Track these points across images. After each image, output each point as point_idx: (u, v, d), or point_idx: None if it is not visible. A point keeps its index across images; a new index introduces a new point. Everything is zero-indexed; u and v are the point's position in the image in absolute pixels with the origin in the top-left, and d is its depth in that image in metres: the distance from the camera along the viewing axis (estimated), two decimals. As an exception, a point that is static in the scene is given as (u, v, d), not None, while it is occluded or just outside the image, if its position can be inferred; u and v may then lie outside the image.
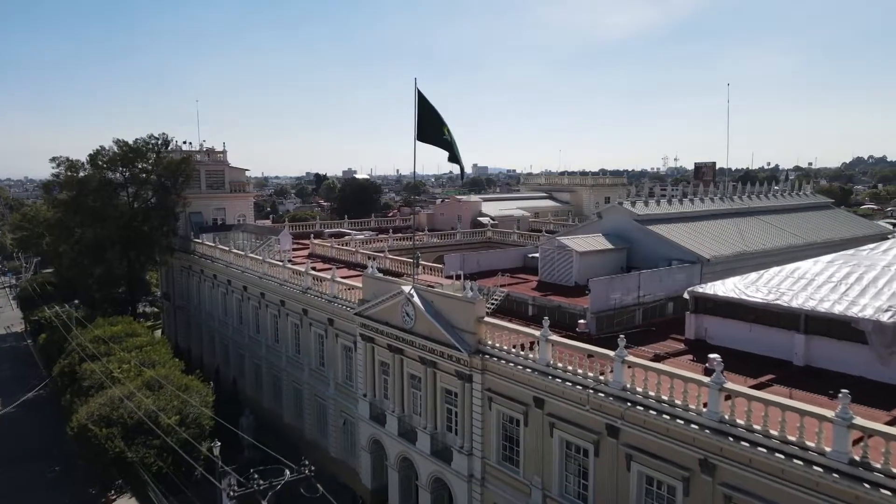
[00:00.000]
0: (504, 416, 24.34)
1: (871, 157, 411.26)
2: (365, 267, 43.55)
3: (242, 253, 46.02)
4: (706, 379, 17.40)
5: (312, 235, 57.62)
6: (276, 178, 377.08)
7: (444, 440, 27.25)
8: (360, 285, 32.40)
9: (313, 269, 42.14)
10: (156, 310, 73.80)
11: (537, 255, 37.78)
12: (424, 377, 27.82)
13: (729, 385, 17.09)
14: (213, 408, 31.85)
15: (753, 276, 26.25)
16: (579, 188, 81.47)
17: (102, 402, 29.92)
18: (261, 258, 43.47)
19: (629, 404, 19.12)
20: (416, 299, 27.36)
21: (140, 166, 54.88)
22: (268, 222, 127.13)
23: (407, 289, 28.04)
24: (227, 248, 48.78)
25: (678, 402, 18.08)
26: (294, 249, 55.18)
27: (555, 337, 22.41)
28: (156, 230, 54.84)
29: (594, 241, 34.27)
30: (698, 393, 17.72)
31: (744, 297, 24.78)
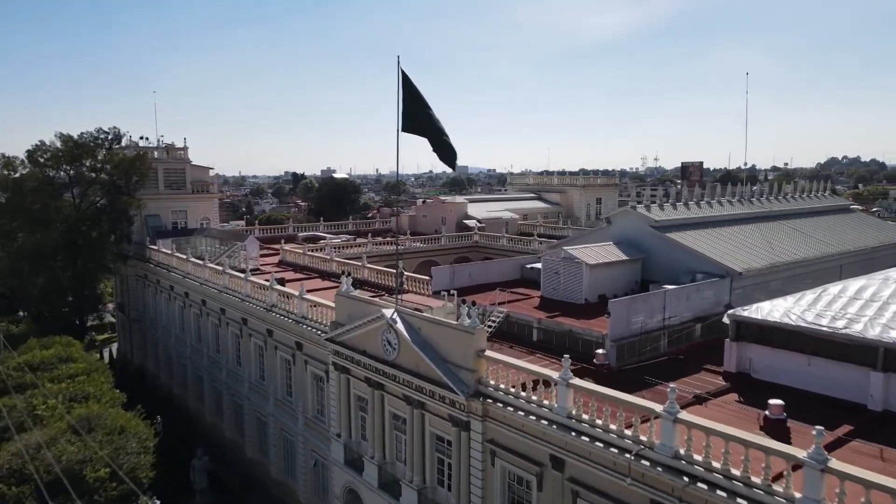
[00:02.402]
0: (511, 475, 19.52)
1: (844, 157, 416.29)
2: (342, 277, 38.56)
3: (201, 262, 40.59)
4: (802, 454, 12.75)
5: (283, 240, 52.40)
6: (255, 177, 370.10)
7: (434, 497, 22.33)
8: (333, 304, 27.35)
9: (281, 279, 36.98)
10: (113, 320, 67.72)
11: (537, 265, 33.10)
12: (410, 419, 22.90)
13: (836, 465, 12.45)
14: (155, 452, 26.48)
15: (809, 296, 21.81)
16: (569, 188, 77.18)
17: (15, 451, 24.46)
18: (221, 268, 38.10)
19: (686, 479, 14.41)
20: (399, 326, 22.42)
21: (88, 164, 49.00)
22: (241, 223, 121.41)
23: (388, 312, 23.07)
24: (183, 256, 43.27)
25: (756, 479, 13.42)
26: (264, 255, 49.94)
27: (578, 381, 17.64)
28: (106, 235, 49.07)
29: (606, 252, 29.65)
30: (787, 471, 13.07)
31: (802, 323, 20.32)
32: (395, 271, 34.15)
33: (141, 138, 55.54)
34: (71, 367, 32.75)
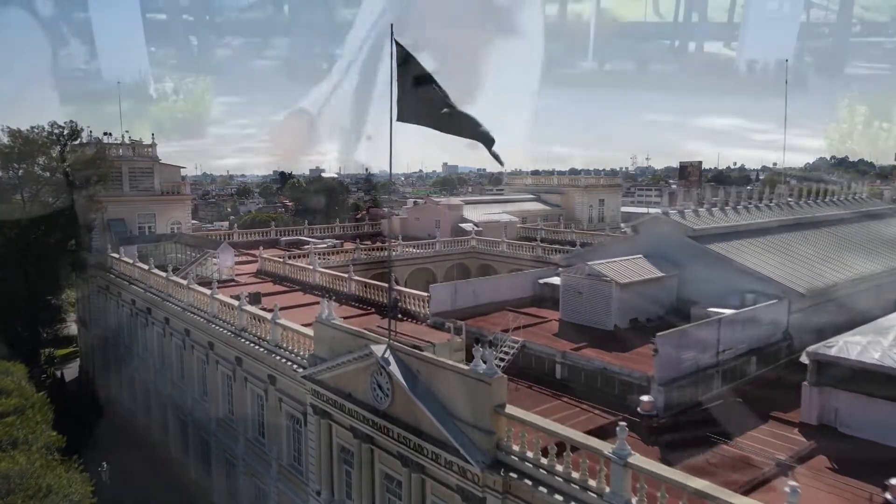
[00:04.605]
0: (542, 573, 14.85)
1: (833, 157, 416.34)
2: (326, 291, 33.79)
3: (163, 274, 35.54)
4: None
5: (261, 247, 47.44)
6: (243, 175, 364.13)
7: (438, 585, 17.64)
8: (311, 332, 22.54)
9: (256, 295, 32.09)
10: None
11: (553, 280, 28.51)
12: (407, 483, 18.19)
13: None
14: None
15: (914, 331, 17.33)
16: (570, 189, 72.70)
17: None
18: (184, 282, 33.10)
19: None
20: (393, 368, 17.68)
21: (40, 162, 43.79)
22: (225, 224, 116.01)
23: (379, 350, 18.30)
24: (145, 267, 38.20)
25: None
26: (242, 263, 45.00)
27: (640, 460, 12.97)
28: (62, 242, 43.88)
29: (637, 267, 25.06)
30: None
31: (913, 368, 15.83)
32: (385, 284, 29.47)
33: (105, 134, 50.24)
34: (2, 404, 27.64)
